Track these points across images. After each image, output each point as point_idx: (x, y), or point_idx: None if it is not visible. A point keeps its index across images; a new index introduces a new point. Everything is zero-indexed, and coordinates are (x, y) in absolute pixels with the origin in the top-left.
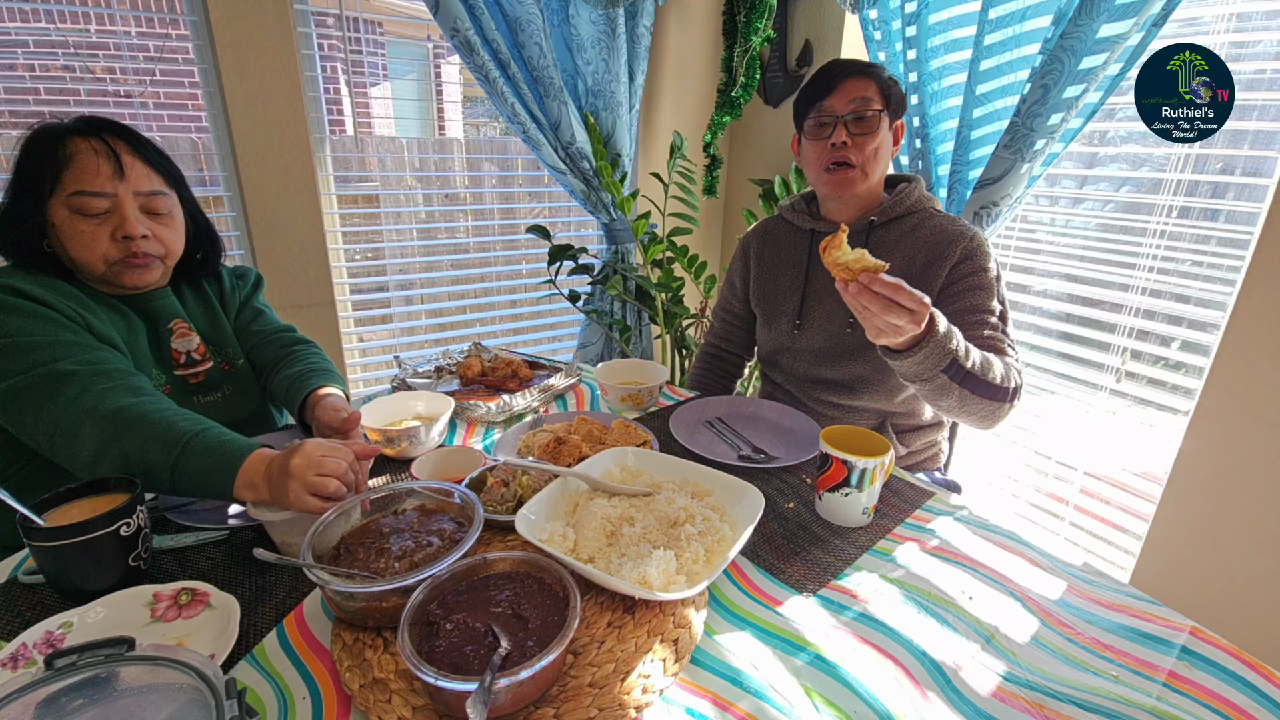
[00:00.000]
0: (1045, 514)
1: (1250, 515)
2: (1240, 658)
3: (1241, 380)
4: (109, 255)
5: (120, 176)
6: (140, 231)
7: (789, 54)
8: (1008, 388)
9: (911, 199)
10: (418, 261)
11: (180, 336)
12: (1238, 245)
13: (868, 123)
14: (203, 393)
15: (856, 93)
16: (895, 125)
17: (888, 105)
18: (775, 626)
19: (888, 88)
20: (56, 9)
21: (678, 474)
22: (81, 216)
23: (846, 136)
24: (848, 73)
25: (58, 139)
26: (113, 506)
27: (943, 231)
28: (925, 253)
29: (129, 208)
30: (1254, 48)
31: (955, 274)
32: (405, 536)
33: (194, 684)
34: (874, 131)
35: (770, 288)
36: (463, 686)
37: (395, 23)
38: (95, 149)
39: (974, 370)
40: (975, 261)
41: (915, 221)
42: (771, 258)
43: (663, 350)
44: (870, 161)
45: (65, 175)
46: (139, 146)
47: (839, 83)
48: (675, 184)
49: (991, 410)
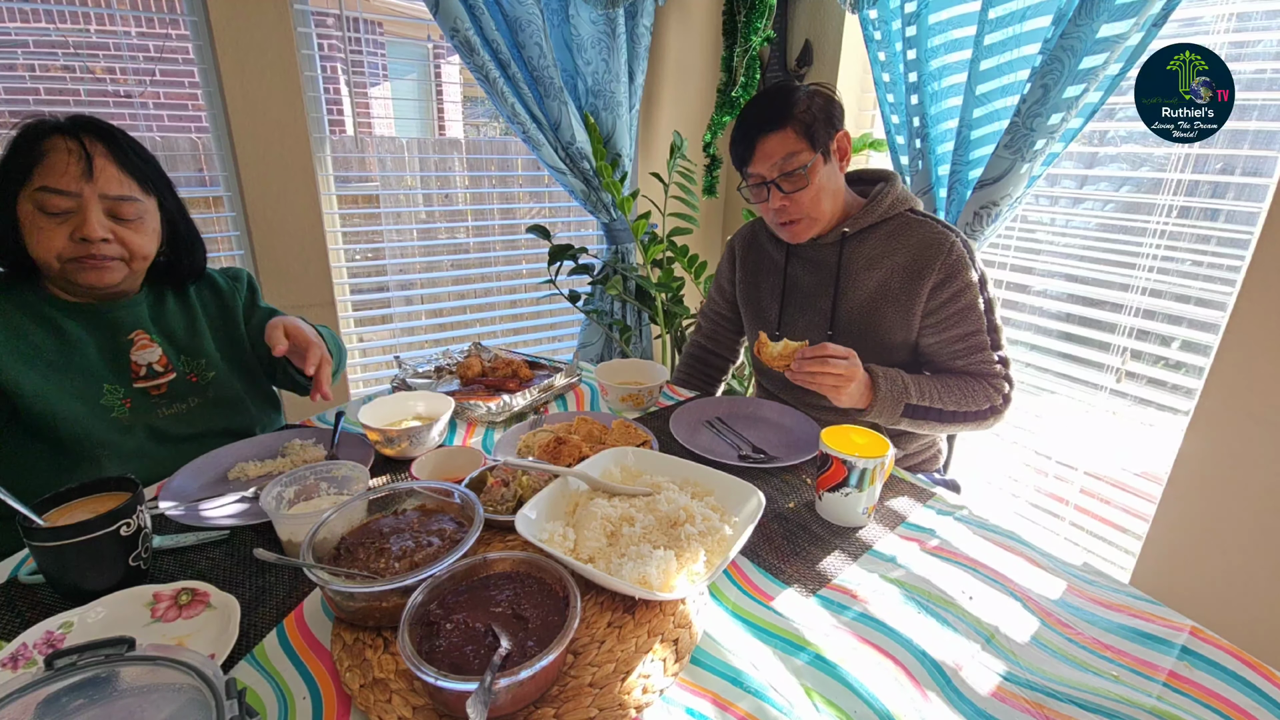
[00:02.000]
0: (1045, 514)
1: (1250, 515)
2: (1240, 658)
3: (1241, 380)
4: (64, 253)
5: (88, 178)
6: (100, 235)
7: (789, 54)
8: (982, 409)
9: (885, 204)
10: (418, 261)
11: (141, 348)
12: (1238, 245)
13: (795, 179)
14: (165, 405)
15: (777, 152)
16: (835, 143)
17: (814, 144)
18: (775, 626)
19: (810, 125)
20: (56, 9)
21: (678, 474)
22: (43, 213)
23: (781, 199)
24: (762, 131)
25: (40, 135)
26: (113, 506)
27: (921, 243)
28: (903, 268)
29: (92, 209)
30: (1254, 48)
31: (935, 299)
32: (405, 536)
33: (194, 684)
34: (807, 185)
35: (753, 293)
36: (463, 686)
37: (395, 23)
38: (69, 148)
39: (935, 406)
40: (956, 283)
41: (891, 229)
42: (755, 263)
43: (663, 350)
44: (814, 206)
45: (36, 170)
46: (117, 150)
47: (756, 144)
48: (675, 184)
49: (974, 427)
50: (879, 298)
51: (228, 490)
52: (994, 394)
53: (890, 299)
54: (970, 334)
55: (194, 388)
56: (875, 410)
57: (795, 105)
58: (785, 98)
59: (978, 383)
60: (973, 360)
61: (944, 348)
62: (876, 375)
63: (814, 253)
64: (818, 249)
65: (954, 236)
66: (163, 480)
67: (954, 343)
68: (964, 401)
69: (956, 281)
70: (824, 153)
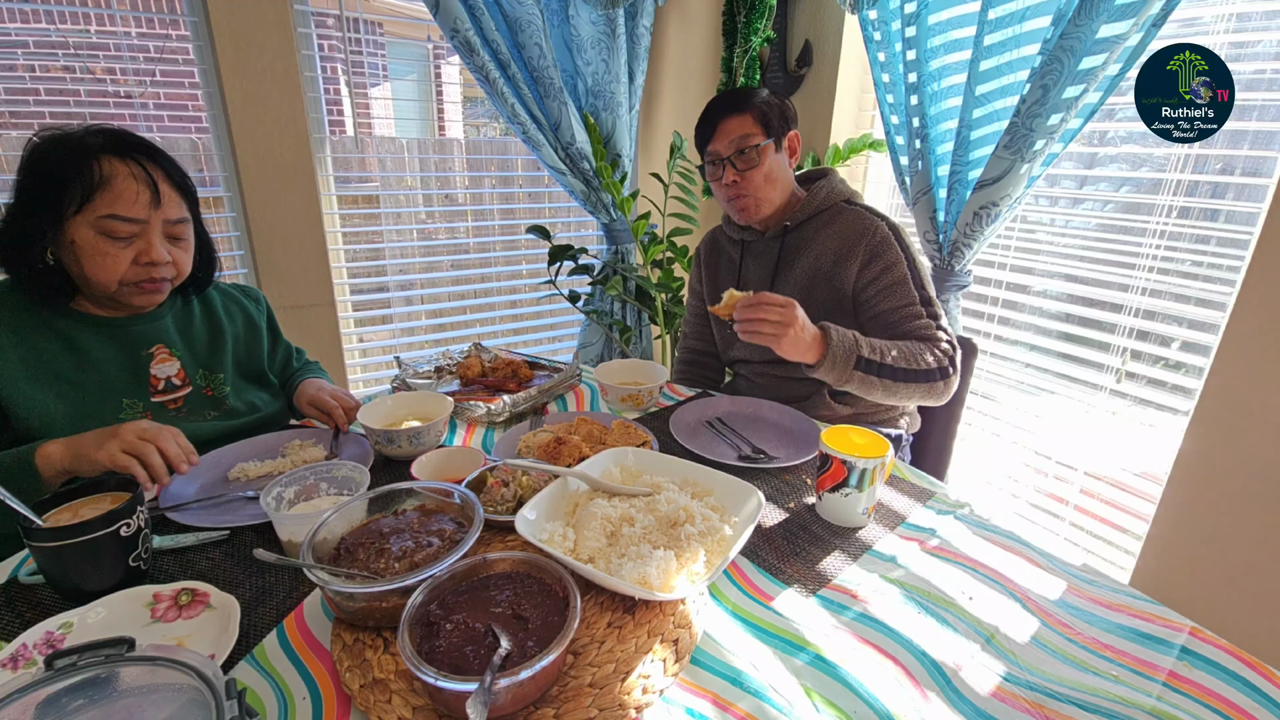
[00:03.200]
0: (1045, 514)
1: (1250, 515)
2: (1240, 658)
3: (1241, 380)
4: (126, 277)
5: (156, 205)
6: (164, 258)
7: (789, 54)
8: (933, 368)
9: (820, 197)
10: (418, 262)
11: (160, 362)
12: (1237, 245)
13: (748, 157)
14: (183, 419)
15: (734, 132)
16: (787, 139)
17: (769, 131)
18: (775, 626)
19: (766, 114)
20: (56, 10)
21: (678, 474)
22: (108, 239)
23: (735, 175)
24: (723, 113)
25: (87, 155)
26: (113, 506)
27: (848, 229)
28: (832, 251)
29: (155, 234)
30: (1254, 48)
31: (865, 277)
32: (405, 537)
33: (194, 684)
34: (757, 164)
35: (715, 294)
36: (463, 687)
37: (395, 23)
38: (134, 174)
39: (888, 362)
40: (882, 260)
41: (826, 218)
42: (716, 265)
43: (663, 350)
44: (762, 188)
45: (99, 197)
46: (173, 172)
47: (718, 124)
48: (675, 184)
49: (925, 390)
50: (812, 280)
51: (228, 491)
52: (940, 355)
53: (821, 280)
54: (904, 305)
55: (210, 401)
56: (827, 362)
57: (755, 98)
58: (748, 92)
59: (922, 345)
60: (912, 327)
61: (881, 320)
62: (828, 329)
63: (761, 246)
64: (764, 242)
65: (879, 221)
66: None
67: (890, 314)
68: (912, 360)
69: (881, 260)
70: (775, 141)
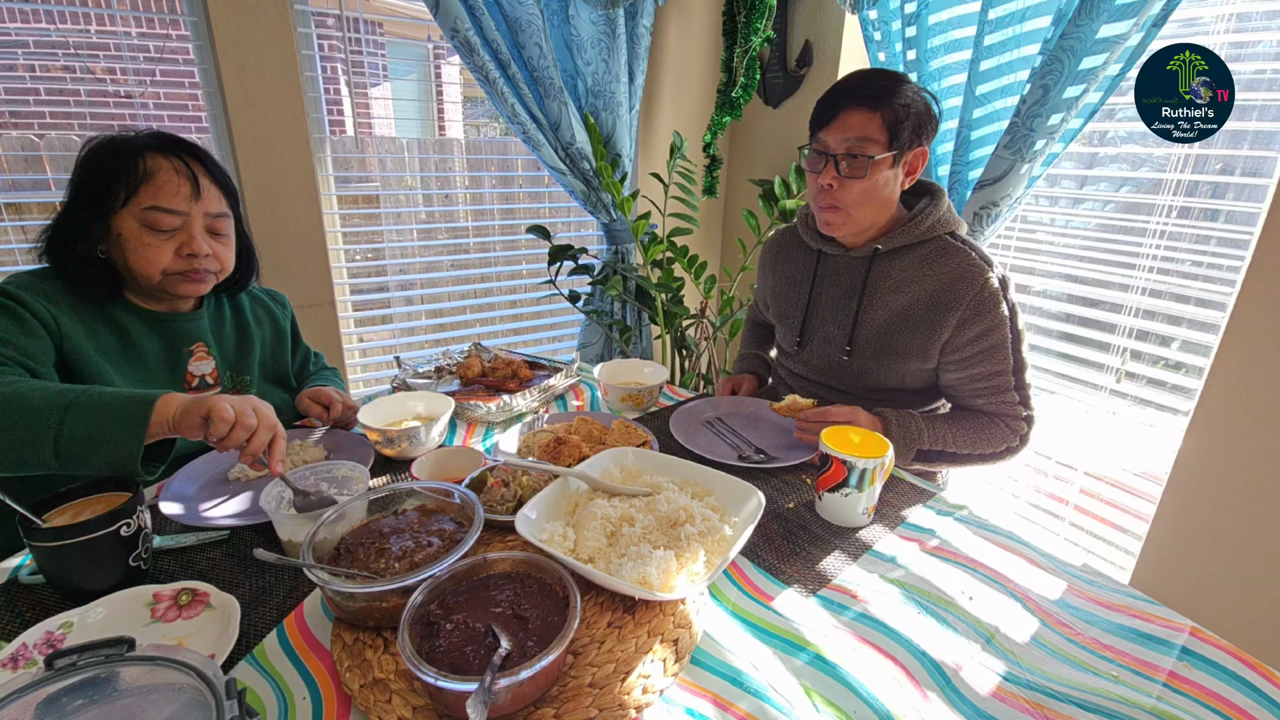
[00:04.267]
0: (1045, 514)
1: (1250, 515)
2: (1240, 658)
3: (1241, 380)
4: (169, 267)
5: (196, 197)
6: (205, 250)
7: (789, 54)
8: (998, 450)
9: (925, 225)
10: (418, 262)
11: (198, 359)
12: (1237, 245)
13: (857, 164)
14: None
15: (855, 130)
16: (910, 156)
17: (893, 142)
18: (775, 626)
19: (899, 121)
20: (56, 9)
21: (678, 474)
22: (151, 230)
23: (834, 177)
24: (851, 103)
25: (133, 153)
26: (113, 506)
27: (953, 273)
28: (929, 295)
29: (197, 227)
30: (1254, 48)
31: (962, 335)
32: (405, 536)
33: (194, 684)
34: (863, 176)
35: (780, 301)
36: (463, 687)
37: (395, 23)
38: (176, 168)
39: (949, 450)
40: (986, 320)
41: (926, 253)
42: (783, 271)
43: (663, 350)
44: (857, 204)
45: (143, 190)
46: (214, 169)
47: (839, 113)
48: (675, 184)
49: (986, 465)
50: (900, 322)
51: (228, 491)
52: (1011, 435)
53: (912, 326)
54: (995, 374)
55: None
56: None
57: (896, 95)
58: (892, 82)
59: (996, 424)
60: (994, 400)
61: (966, 385)
62: (890, 420)
63: (843, 264)
64: (847, 261)
65: (988, 270)
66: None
67: (976, 381)
68: (979, 444)
69: (984, 320)
70: (897, 155)
